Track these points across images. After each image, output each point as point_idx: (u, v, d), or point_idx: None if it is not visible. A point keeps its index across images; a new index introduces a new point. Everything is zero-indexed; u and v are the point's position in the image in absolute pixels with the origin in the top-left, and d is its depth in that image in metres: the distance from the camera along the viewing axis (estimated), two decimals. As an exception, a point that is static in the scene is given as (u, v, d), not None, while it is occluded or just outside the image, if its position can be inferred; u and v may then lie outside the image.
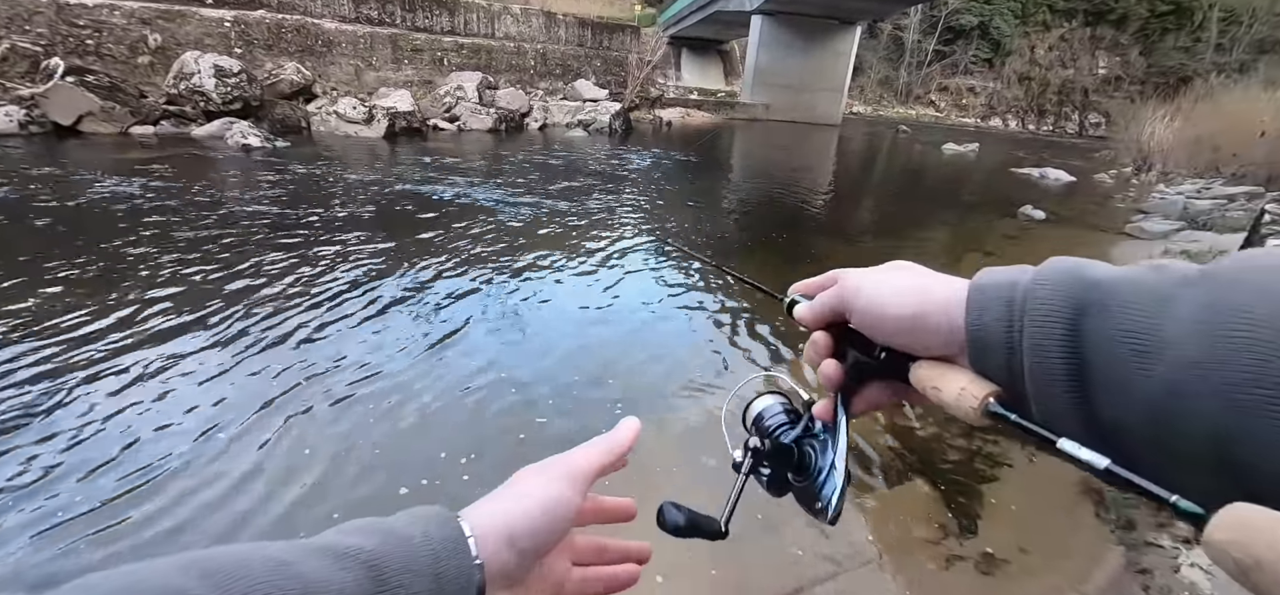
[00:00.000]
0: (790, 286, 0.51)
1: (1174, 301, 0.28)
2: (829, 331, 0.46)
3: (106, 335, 3.23)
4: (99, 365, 2.95)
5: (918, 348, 0.39)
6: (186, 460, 2.35)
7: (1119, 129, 16.31)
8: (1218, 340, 0.25)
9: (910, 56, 41.72)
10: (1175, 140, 12.73)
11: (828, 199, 9.93)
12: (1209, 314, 0.26)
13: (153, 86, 11.08)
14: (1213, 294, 0.26)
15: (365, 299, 3.98)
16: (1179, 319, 0.27)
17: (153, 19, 11.78)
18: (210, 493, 2.21)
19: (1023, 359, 0.32)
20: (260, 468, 2.35)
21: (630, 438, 0.46)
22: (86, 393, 2.73)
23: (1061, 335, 0.31)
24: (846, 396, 0.45)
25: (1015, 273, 0.35)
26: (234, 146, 9.50)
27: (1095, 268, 0.32)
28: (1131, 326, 0.28)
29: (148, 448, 2.41)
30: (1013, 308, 0.33)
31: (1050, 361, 0.31)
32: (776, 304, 0.52)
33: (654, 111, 21.40)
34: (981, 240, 7.13)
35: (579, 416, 2.86)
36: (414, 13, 16.59)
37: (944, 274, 0.41)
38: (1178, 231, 7.64)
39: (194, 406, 2.69)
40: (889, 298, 0.40)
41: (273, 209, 6.05)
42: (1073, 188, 12.22)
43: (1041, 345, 0.31)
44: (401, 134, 12.42)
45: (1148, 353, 0.27)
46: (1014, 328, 0.33)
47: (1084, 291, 0.31)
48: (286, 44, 13.71)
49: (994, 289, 0.35)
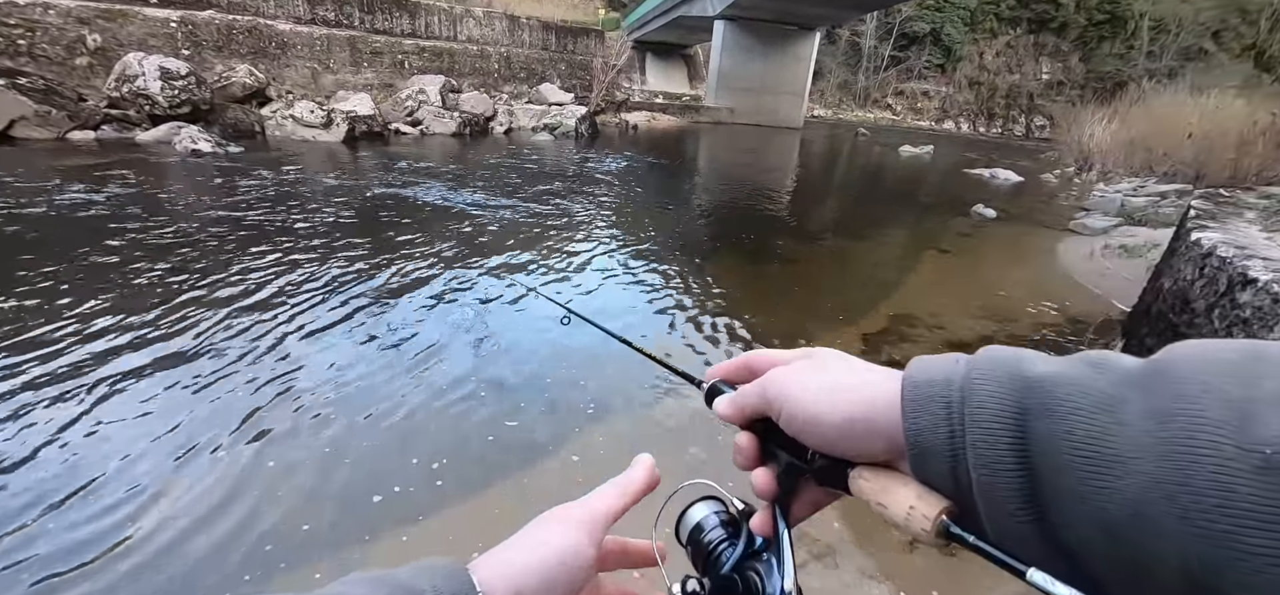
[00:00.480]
0: (709, 371, 0.48)
1: (1122, 406, 0.26)
2: (754, 430, 0.42)
3: (48, 358, 3.07)
4: (41, 389, 2.80)
5: (855, 454, 0.36)
6: (141, 482, 2.26)
7: (1062, 131, 17.18)
8: (1175, 455, 0.24)
9: (867, 61, 43.01)
10: (1112, 142, 13.50)
11: (792, 200, 10.15)
12: (1160, 425, 0.25)
13: (92, 89, 10.52)
14: (1161, 400, 0.25)
15: (327, 307, 3.88)
16: (1130, 427, 0.25)
17: (91, 18, 11.18)
18: (172, 512, 2.13)
19: (969, 471, 0.30)
20: (225, 485, 2.27)
21: (644, 477, 0.43)
22: (26, 418, 2.58)
23: (1008, 445, 0.29)
24: (784, 504, 0.41)
25: (949, 365, 0.33)
26: (183, 152, 9.10)
27: (1032, 362, 0.31)
28: (1082, 435, 0.27)
29: (102, 471, 2.30)
30: (951, 411, 0.31)
31: (1000, 477, 0.29)
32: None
33: (620, 115, 21.46)
34: (937, 239, 7.41)
35: (551, 419, 2.86)
36: (373, 15, 16.22)
37: (876, 366, 0.38)
38: (1116, 227, 8.10)
39: (146, 427, 2.58)
40: (821, 402, 0.37)
41: (226, 216, 5.83)
42: (1021, 187, 12.81)
43: (987, 458, 0.29)
44: (362, 138, 12.13)
45: (1103, 468, 0.25)
46: (955, 434, 0.31)
47: (1025, 392, 0.29)
48: (238, 45, 13.21)
49: (928, 387, 0.33)
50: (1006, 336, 4.29)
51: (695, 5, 26.00)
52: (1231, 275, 2.30)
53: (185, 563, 1.93)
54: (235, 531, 2.07)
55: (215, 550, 1.99)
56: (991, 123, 42.26)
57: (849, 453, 0.36)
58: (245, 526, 2.09)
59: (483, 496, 2.32)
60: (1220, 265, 2.41)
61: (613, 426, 2.86)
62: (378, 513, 2.20)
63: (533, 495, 2.35)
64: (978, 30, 42.97)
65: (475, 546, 1.99)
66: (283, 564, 1.96)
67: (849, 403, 0.36)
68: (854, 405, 0.35)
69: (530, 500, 2.31)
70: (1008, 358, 0.32)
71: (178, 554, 1.97)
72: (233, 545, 2.01)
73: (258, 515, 2.14)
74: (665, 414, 2.95)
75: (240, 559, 1.96)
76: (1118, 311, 4.79)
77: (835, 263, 6.28)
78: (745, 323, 4.15)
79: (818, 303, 4.79)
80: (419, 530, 2.13)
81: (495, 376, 3.19)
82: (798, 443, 0.39)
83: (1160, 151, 11.71)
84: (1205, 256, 2.56)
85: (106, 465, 2.32)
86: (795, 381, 0.39)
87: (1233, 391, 0.24)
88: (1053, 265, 6.42)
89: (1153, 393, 0.26)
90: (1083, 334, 4.41)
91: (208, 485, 2.26)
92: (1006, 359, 0.32)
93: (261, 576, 1.91)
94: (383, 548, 2.06)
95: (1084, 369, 0.29)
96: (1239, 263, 2.31)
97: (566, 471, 2.52)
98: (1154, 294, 3.15)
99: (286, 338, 3.44)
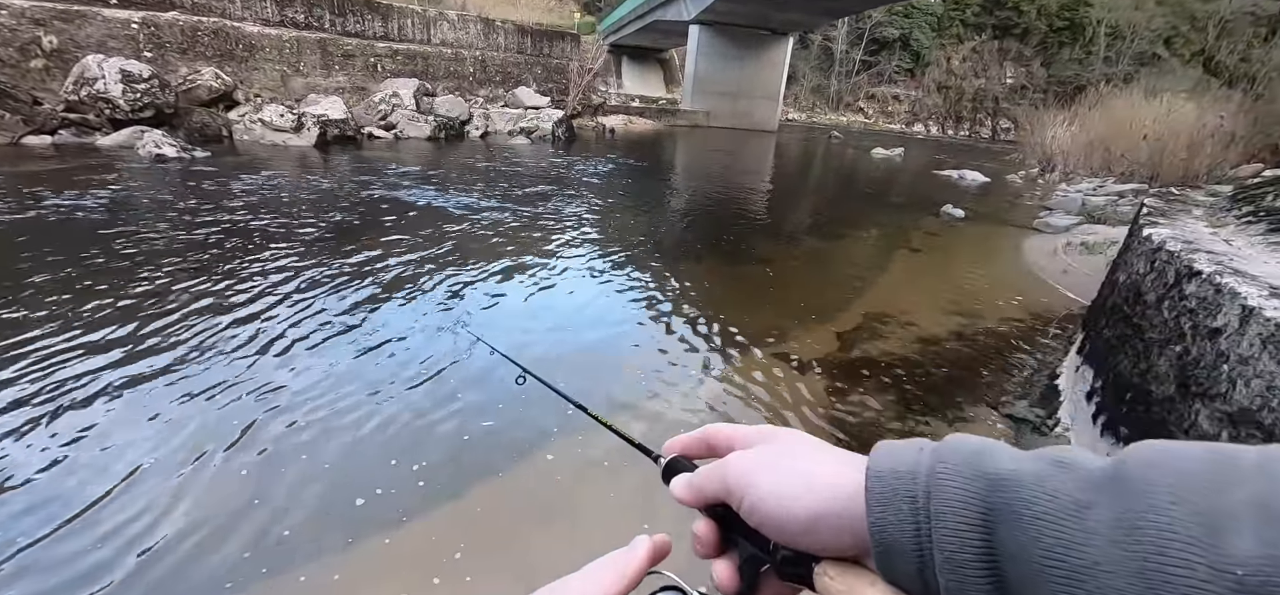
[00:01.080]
0: (666, 444, 0.46)
1: (1089, 512, 0.26)
2: (714, 516, 0.40)
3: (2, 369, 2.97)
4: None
5: (820, 549, 0.35)
6: (117, 491, 2.20)
7: (1026, 134, 17.76)
8: (1146, 571, 0.23)
9: (840, 66, 43.86)
10: (1073, 143, 14.02)
11: (769, 202, 10.30)
12: (1129, 536, 0.24)
13: (49, 92, 10.14)
14: (1128, 507, 0.25)
15: (297, 313, 3.82)
16: (1098, 537, 0.25)
17: (47, 19, 10.78)
18: (148, 522, 2.08)
19: (936, 574, 0.29)
20: (203, 493, 2.23)
21: (644, 559, 0.38)
22: (-10, 425, 2.50)
23: (976, 551, 0.28)
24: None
25: (913, 455, 0.33)
26: (146, 157, 8.83)
27: (996, 457, 0.30)
28: (1051, 543, 0.26)
29: (70, 483, 2.24)
30: (917, 508, 0.31)
31: (969, 587, 0.28)
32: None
33: (597, 119, 21.48)
34: (909, 238, 7.60)
35: (526, 423, 2.87)
36: (344, 17, 15.96)
37: (840, 452, 0.37)
38: (1078, 225, 8.42)
39: (109, 438, 2.52)
40: (785, 495, 0.35)
41: (193, 223, 5.69)
42: (987, 188, 13.21)
43: (955, 563, 0.29)
44: (334, 143, 11.93)
45: (1073, 581, 0.25)
46: (922, 533, 0.30)
47: (990, 490, 0.29)
48: (203, 48, 12.86)
49: (893, 479, 0.32)
50: (975, 331, 4.44)
51: (671, 10, 26.21)
52: (1178, 268, 2.43)
53: (164, 571, 1.90)
54: (205, 535, 2.04)
55: (192, 559, 1.96)
56: (959, 125, 43.48)
57: (814, 547, 0.35)
58: (216, 527, 2.06)
59: (464, 498, 2.32)
60: (1169, 259, 2.54)
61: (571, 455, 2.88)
62: (361, 516, 2.18)
63: (513, 495, 2.36)
64: (945, 36, 44.18)
65: (458, 547, 1.99)
66: (263, 569, 1.94)
67: (814, 497, 0.34)
68: (819, 500, 0.34)
69: (511, 500, 2.32)
70: (972, 451, 0.31)
71: (157, 563, 1.93)
72: (205, 550, 1.98)
73: (230, 522, 2.11)
74: (621, 488, 2.51)
75: (221, 566, 1.93)
76: (1078, 306, 4.99)
77: (811, 263, 6.41)
78: (723, 324, 4.21)
79: (794, 302, 4.88)
80: (402, 532, 2.13)
81: (461, 380, 3.19)
82: (760, 533, 0.37)
83: (1118, 152, 12.21)
84: (1155, 251, 2.70)
85: (72, 479, 2.26)
86: (757, 470, 0.37)
87: (1201, 503, 0.24)
88: (1018, 262, 6.65)
89: (1120, 498, 0.25)
90: (1046, 327, 4.58)
91: (180, 494, 2.22)
92: (971, 453, 0.31)
93: (242, 582, 1.88)
94: (366, 549, 2.04)
95: (1049, 468, 0.29)
96: (1186, 256, 2.44)
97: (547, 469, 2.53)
98: (1110, 288, 3.30)
99: (261, 345, 3.38)
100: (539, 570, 1.71)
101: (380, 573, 1.95)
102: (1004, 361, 3.96)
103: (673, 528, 0.44)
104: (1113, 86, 17.76)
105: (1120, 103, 14.07)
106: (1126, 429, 2.47)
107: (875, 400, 3.33)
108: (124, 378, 2.93)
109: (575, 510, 2.32)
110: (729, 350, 3.83)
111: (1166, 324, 2.40)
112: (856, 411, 3.20)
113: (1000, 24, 43.56)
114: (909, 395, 3.40)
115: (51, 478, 2.25)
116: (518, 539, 2.15)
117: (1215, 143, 9.79)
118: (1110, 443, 2.53)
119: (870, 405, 3.27)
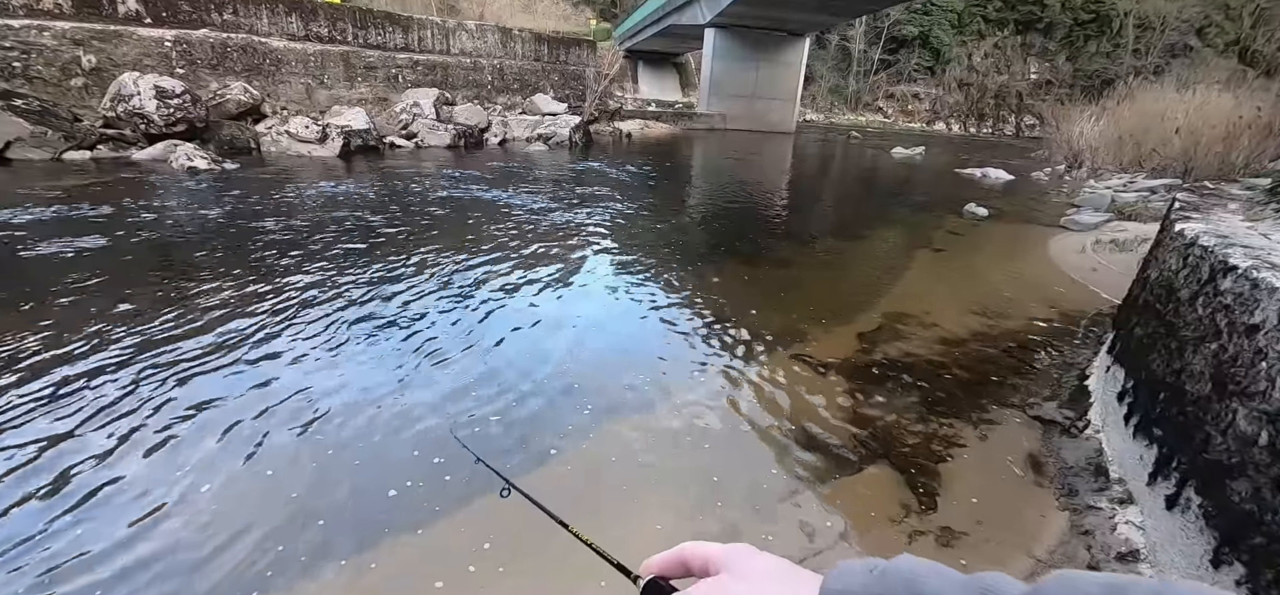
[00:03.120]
0: (644, 564, 0.49)
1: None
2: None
3: (47, 368, 3.10)
4: (37, 398, 2.82)
5: None
6: (151, 488, 2.29)
7: (1051, 129, 17.35)
8: None
9: (858, 65, 43.36)
10: (1101, 138, 13.65)
11: (787, 203, 10.24)
12: None
13: (88, 110, 10.54)
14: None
15: (325, 319, 3.91)
16: None
17: (86, 39, 11.22)
18: (180, 524, 2.15)
19: None
20: (234, 492, 2.30)
21: None
22: (21, 428, 2.61)
23: None
24: None
25: (861, 582, 0.37)
26: (179, 169, 9.13)
27: (930, 583, 0.35)
28: None
29: (103, 481, 2.33)
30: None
31: None
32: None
33: (613, 124, 21.57)
34: (930, 238, 7.49)
35: (545, 417, 2.89)
36: (366, 30, 16.30)
37: (800, 572, 0.41)
38: (1107, 222, 8.20)
39: (151, 436, 2.61)
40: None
41: (222, 232, 5.86)
42: (1012, 185, 12.94)
43: None
44: (357, 152, 12.18)
45: None
46: None
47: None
48: (232, 63, 13.25)
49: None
50: (1000, 331, 4.36)
51: (686, 14, 26.23)
52: (1213, 263, 2.36)
53: (203, 557, 1.96)
54: (231, 536, 2.10)
55: (225, 550, 2.02)
56: (982, 123, 42.63)
57: None
58: (248, 521, 2.12)
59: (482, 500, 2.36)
60: (1203, 254, 2.47)
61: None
62: (393, 507, 2.23)
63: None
64: (965, 32, 43.39)
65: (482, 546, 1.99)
66: (303, 558, 1.99)
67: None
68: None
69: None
70: (912, 575, 0.36)
71: (198, 550, 2.00)
72: (233, 545, 2.04)
73: (260, 516, 2.17)
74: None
75: (242, 561, 1.99)
76: (1108, 304, 4.86)
77: (830, 264, 6.35)
78: (742, 326, 4.20)
79: (813, 304, 4.85)
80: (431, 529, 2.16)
81: (483, 376, 3.23)
82: None
83: (1149, 147, 11.86)
84: (1189, 246, 2.63)
85: (108, 475, 2.34)
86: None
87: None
88: (1045, 260, 6.51)
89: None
90: (1075, 327, 4.48)
91: (212, 492, 2.29)
92: (910, 577, 0.36)
93: (277, 573, 1.93)
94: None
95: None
96: (1221, 251, 2.37)
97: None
98: (1142, 285, 3.22)
99: (289, 347, 3.47)
100: None
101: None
102: (1031, 362, 3.87)
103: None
104: (1142, 79, 17.28)
105: (1151, 96, 13.67)
106: (1160, 430, 2.40)
107: (897, 401, 3.28)
108: (155, 372, 3.04)
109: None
110: (749, 353, 3.82)
111: (1201, 321, 2.34)
112: (879, 414, 3.16)
113: (1023, 19, 42.64)
114: (932, 397, 3.35)
115: (44, 479, 2.34)
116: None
117: (1252, 135, 9.44)
118: (1144, 444, 2.47)
119: (892, 407, 3.23)
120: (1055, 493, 2.58)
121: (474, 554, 2.07)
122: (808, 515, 2.38)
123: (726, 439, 2.89)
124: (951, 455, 2.85)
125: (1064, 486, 2.61)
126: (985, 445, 2.94)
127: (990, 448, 2.92)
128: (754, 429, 2.98)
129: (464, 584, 1.97)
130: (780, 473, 2.64)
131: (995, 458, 2.84)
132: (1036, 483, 2.66)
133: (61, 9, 11.12)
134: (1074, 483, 2.62)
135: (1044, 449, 2.90)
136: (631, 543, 2.11)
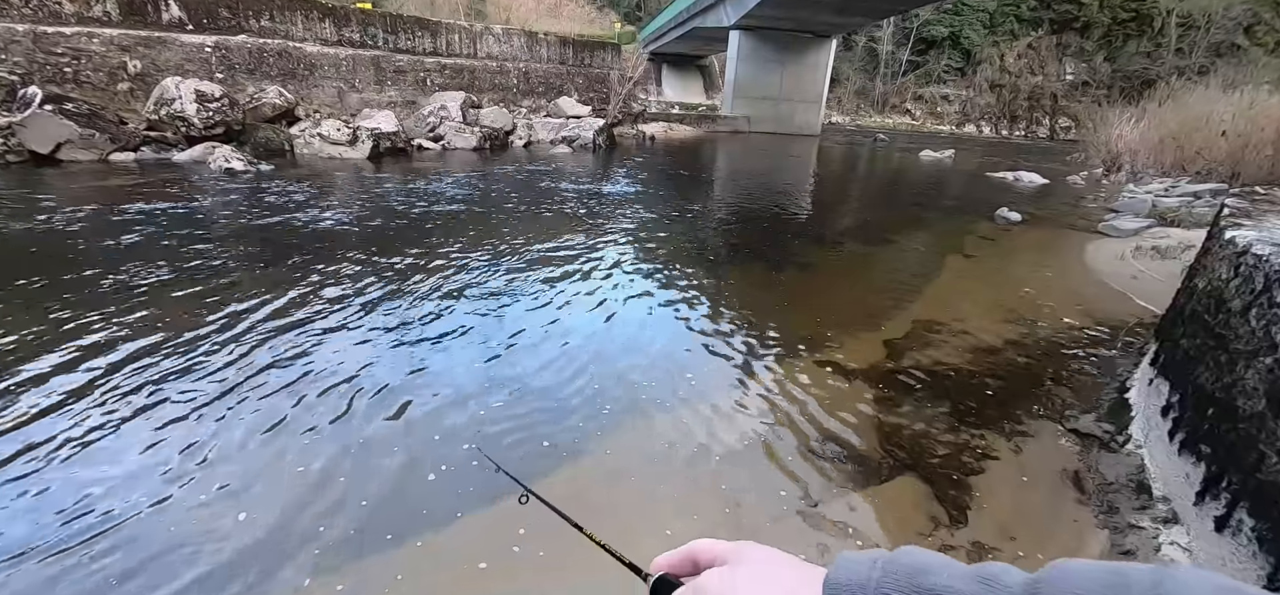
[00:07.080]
0: (654, 561, 0.50)
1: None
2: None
3: (85, 360, 3.21)
4: (80, 393, 2.93)
5: None
6: (177, 477, 2.35)
7: (1088, 132, 16.83)
8: None
9: (885, 67, 42.68)
10: (1142, 141, 13.17)
11: (813, 206, 10.11)
12: None
13: (132, 113, 10.97)
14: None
15: (354, 316, 3.99)
16: None
17: (132, 46, 11.68)
18: (203, 517, 2.21)
19: None
20: (262, 489, 2.36)
21: None
22: (56, 422, 2.71)
23: None
24: None
25: (864, 572, 0.37)
26: (217, 171, 9.43)
27: (936, 573, 0.35)
28: None
29: (152, 472, 2.40)
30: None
31: None
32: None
33: (637, 126, 21.61)
34: (960, 243, 7.31)
35: (565, 419, 2.89)
36: (396, 35, 16.63)
37: (806, 568, 0.41)
38: (1147, 228, 7.90)
39: (181, 431, 2.69)
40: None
41: (257, 231, 6.03)
42: (1046, 189, 12.57)
43: None
44: (386, 154, 12.42)
45: None
46: None
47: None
48: (268, 68, 13.65)
49: (846, 593, 0.37)
50: (1035, 339, 4.22)
51: (711, 16, 26.16)
52: (1268, 273, 2.25)
53: (248, 547, 2.01)
54: (260, 527, 2.15)
55: (270, 540, 2.06)
56: (1014, 125, 41.54)
57: None
58: (282, 515, 2.17)
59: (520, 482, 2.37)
60: (1256, 263, 2.35)
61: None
62: (431, 493, 2.26)
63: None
64: (998, 32, 42.37)
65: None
66: (353, 530, 2.02)
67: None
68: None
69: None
70: (915, 567, 0.36)
71: (237, 543, 2.05)
72: (258, 539, 2.09)
73: (300, 504, 2.22)
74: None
75: (266, 552, 2.03)
76: (1150, 314, 4.68)
77: (857, 269, 6.24)
78: (768, 331, 4.15)
79: (839, 309, 4.77)
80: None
81: (515, 378, 3.25)
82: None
83: (1193, 150, 11.40)
84: (1240, 255, 2.51)
85: (157, 470, 2.42)
86: (730, 587, 0.41)
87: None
88: (1081, 268, 6.30)
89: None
90: (1114, 337, 4.32)
91: (234, 484, 2.35)
92: (913, 569, 0.36)
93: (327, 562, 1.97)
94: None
95: (977, 586, 0.34)
96: (1276, 261, 2.25)
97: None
98: (1188, 295, 3.08)
99: (319, 343, 3.55)
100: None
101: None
102: (1067, 372, 3.75)
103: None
104: (1185, 80, 16.62)
105: (1195, 97, 13.14)
106: (1209, 447, 2.29)
107: (926, 411, 3.21)
108: (198, 367, 3.13)
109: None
110: (773, 358, 3.77)
111: (1254, 334, 2.22)
112: (907, 423, 3.09)
113: (1059, 18, 41.45)
114: (962, 407, 3.26)
115: (71, 471, 2.42)
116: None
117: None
118: (1191, 462, 2.36)
119: (921, 416, 3.15)
120: (1094, 509, 2.48)
121: (505, 550, 2.08)
122: (830, 526, 2.34)
123: (747, 445, 2.85)
124: (983, 467, 2.77)
125: (1103, 503, 2.51)
126: (1019, 458, 2.84)
127: (1024, 461, 2.82)
128: (776, 436, 2.94)
129: (507, 563, 1.98)
130: (802, 481, 2.59)
131: (1029, 471, 2.75)
132: (1074, 499, 2.57)
133: (110, 17, 11.59)
134: (1114, 499, 2.52)
135: (1082, 463, 2.80)
136: (647, 547, 2.10)
